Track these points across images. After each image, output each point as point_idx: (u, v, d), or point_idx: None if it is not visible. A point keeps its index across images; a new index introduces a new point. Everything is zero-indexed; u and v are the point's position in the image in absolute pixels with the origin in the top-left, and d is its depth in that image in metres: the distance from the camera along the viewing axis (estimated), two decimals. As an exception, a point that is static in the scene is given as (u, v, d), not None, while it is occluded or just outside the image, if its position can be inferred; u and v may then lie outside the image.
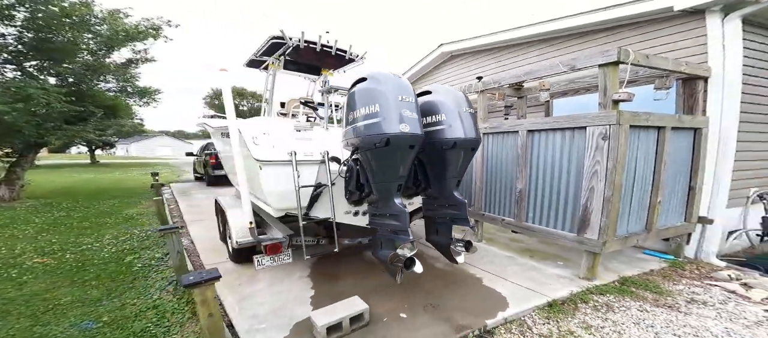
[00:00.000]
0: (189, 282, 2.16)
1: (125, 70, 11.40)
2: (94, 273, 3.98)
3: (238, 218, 3.74)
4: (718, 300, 3.04)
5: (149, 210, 7.53)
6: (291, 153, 2.84)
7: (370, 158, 2.59)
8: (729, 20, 4.06)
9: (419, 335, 2.51)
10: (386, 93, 2.42)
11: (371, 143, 2.40)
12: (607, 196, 3.07)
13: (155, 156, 52.00)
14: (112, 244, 5.04)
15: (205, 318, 2.27)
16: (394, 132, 2.31)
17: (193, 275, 2.24)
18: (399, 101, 2.41)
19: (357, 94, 2.58)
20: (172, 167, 22.85)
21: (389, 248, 2.77)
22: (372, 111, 2.39)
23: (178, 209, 7.26)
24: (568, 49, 5.76)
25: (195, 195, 9.21)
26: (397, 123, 2.32)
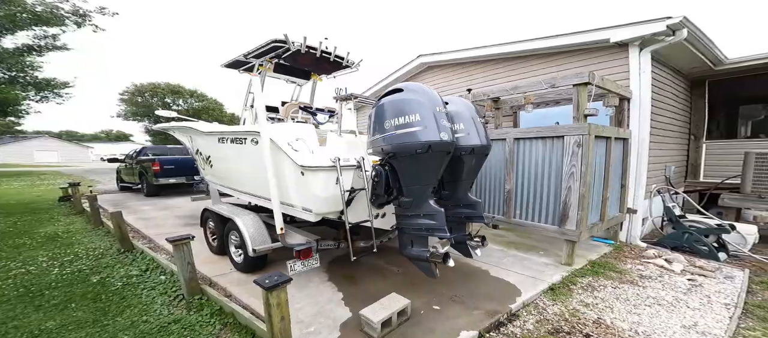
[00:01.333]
0: (272, 284, 2.26)
1: (18, 58, 9.73)
2: (60, 296, 3.63)
3: (250, 225, 3.76)
4: (657, 275, 4.01)
5: (74, 227, 6.71)
6: (335, 159, 3.01)
7: (406, 164, 2.87)
8: (644, 53, 5.30)
9: (460, 322, 2.89)
10: (425, 104, 2.73)
11: (411, 149, 2.69)
12: (581, 193, 3.86)
13: (35, 163, 43.81)
14: (56, 266, 4.51)
15: (278, 321, 2.37)
16: (434, 140, 2.63)
17: (268, 277, 2.32)
18: (437, 111, 2.75)
19: (393, 104, 2.85)
20: (68, 176, 19.63)
21: (421, 246, 3.11)
22: (412, 120, 2.69)
23: (127, 225, 6.54)
24: (532, 68, 6.80)
25: (138, 208, 8.33)
26: (437, 132, 2.65)
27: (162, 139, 33.23)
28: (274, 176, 3.19)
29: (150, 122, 36.45)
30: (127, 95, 33.99)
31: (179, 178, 10.11)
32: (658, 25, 4.76)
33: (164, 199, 9.68)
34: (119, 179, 12.70)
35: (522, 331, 2.80)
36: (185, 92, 34.24)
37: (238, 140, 3.89)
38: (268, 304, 2.34)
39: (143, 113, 35.32)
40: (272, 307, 2.32)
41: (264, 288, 2.27)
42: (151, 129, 37.09)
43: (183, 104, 35.10)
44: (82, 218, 7.60)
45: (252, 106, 5.34)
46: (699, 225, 5.76)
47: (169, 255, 4.59)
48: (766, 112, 8.54)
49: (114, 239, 5.62)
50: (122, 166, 12.35)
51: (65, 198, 10.18)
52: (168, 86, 33.73)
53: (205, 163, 4.90)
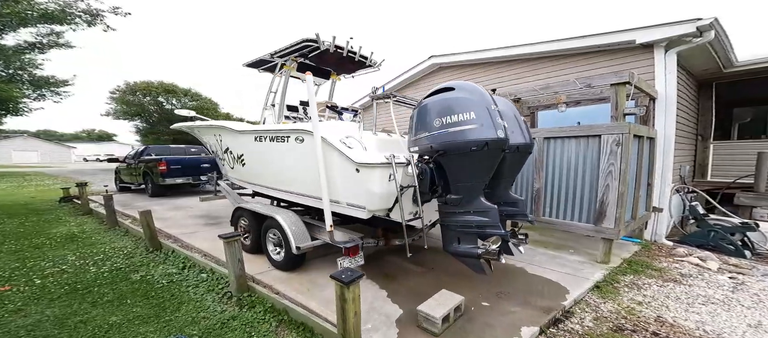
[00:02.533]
0: (350, 279, 2.35)
1: (19, 55, 9.65)
2: (109, 293, 3.73)
3: (292, 223, 3.85)
4: (696, 273, 4.16)
5: (87, 227, 6.75)
6: (390, 157, 3.10)
7: (458, 162, 2.96)
8: (670, 55, 5.47)
9: (516, 318, 3.00)
10: (479, 102, 2.82)
11: (466, 147, 2.76)
12: (620, 191, 4.00)
13: (14, 163, 43.20)
14: (90, 265, 4.59)
15: (352, 316, 2.45)
16: (492, 137, 2.71)
17: (343, 273, 2.41)
18: (492, 109, 2.84)
19: (444, 102, 2.93)
20: (54, 177, 19.41)
21: (469, 243, 3.18)
22: (467, 118, 2.76)
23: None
24: (548, 69, 6.95)
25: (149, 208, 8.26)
26: (494, 129, 2.73)
27: (154, 139, 32.98)
28: (325, 173, 3.27)
29: (142, 121, 36.12)
30: (118, 94, 33.56)
31: (185, 178, 10.12)
32: (687, 27, 4.94)
33: (170, 199, 9.68)
34: (118, 180, 12.63)
35: (582, 328, 2.91)
36: (179, 91, 33.94)
37: (279, 139, 3.96)
38: (343, 299, 2.42)
39: (135, 112, 34.94)
40: (347, 302, 2.41)
41: (343, 282, 2.35)
42: (141, 128, 36.75)
43: (177, 104, 34.77)
44: (92, 219, 7.61)
45: (273, 104, 5.43)
46: (724, 223, 5.97)
47: (201, 253, 4.65)
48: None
49: (137, 239, 5.67)
50: (122, 166, 12.29)
51: (67, 199, 10.18)
52: (162, 85, 33.41)
53: (236, 162, 4.95)
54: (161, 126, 33.47)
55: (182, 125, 7.29)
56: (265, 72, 6.01)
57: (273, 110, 5.45)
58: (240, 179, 5.17)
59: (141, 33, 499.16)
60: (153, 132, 34.55)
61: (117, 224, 6.79)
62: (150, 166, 10.24)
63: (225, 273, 4.02)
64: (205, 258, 4.47)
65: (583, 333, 2.81)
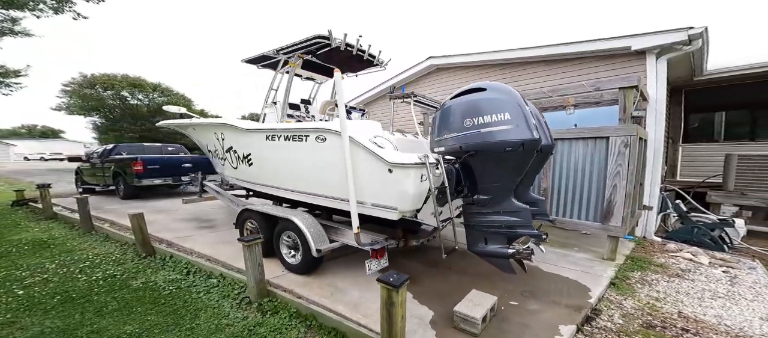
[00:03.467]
0: (401, 282, 2.32)
1: None
2: (112, 302, 3.52)
3: (310, 225, 3.77)
4: (693, 268, 4.45)
5: (56, 233, 6.28)
6: (423, 157, 3.08)
7: (488, 162, 2.99)
8: (660, 61, 5.83)
9: (548, 316, 3.07)
10: (513, 103, 2.84)
11: (500, 147, 2.79)
12: (628, 191, 4.20)
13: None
14: (77, 273, 4.28)
15: (399, 320, 2.42)
16: (527, 138, 2.74)
17: (392, 276, 2.38)
18: (526, 110, 2.87)
19: (476, 103, 2.94)
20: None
21: (498, 243, 3.23)
22: (501, 119, 2.79)
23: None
24: (546, 73, 7.19)
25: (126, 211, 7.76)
26: (529, 130, 2.76)
27: (116, 136, 31.04)
28: (352, 174, 3.21)
29: (100, 117, 33.93)
30: (72, 87, 31.25)
31: (164, 179, 9.54)
32: (678, 35, 5.28)
33: (146, 202, 9.12)
34: (80, 181, 11.76)
35: (614, 325, 3.02)
36: (147, 86, 32.13)
37: (297, 138, 3.85)
38: (390, 302, 2.39)
39: (92, 107, 32.73)
40: (395, 305, 2.38)
41: (392, 286, 2.32)
42: (99, 125, 34.53)
43: (144, 99, 32.96)
44: (58, 224, 7.06)
45: (275, 102, 5.29)
46: (705, 220, 6.43)
47: (204, 257, 4.43)
48: (738, 118, 9.62)
49: (122, 244, 5.36)
50: (85, 166, 11.47)
51: (21, 202, 9.40)
52: (126, 78, 31.47)
53: (241, 162, 4.76)
54: (125, 123, 31.60)
55: (172, 123, 6.94)
56: (264, 69, 5.84)
57: (274, 107, 5.30)
58: (244, 180, 4.96)
59: (140, 30, 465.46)
60: (114, 129, 32.51)
61: (93, 228, 6.34)
62: (122, 166, 9.57)
63: (237, 278, 3.88)
64: (209, 263, 4.26)
65: (618, 331, 2.92)
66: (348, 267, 4.19)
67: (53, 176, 18.96)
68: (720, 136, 9.37)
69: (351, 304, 3.25)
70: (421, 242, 4.20)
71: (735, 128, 9.43)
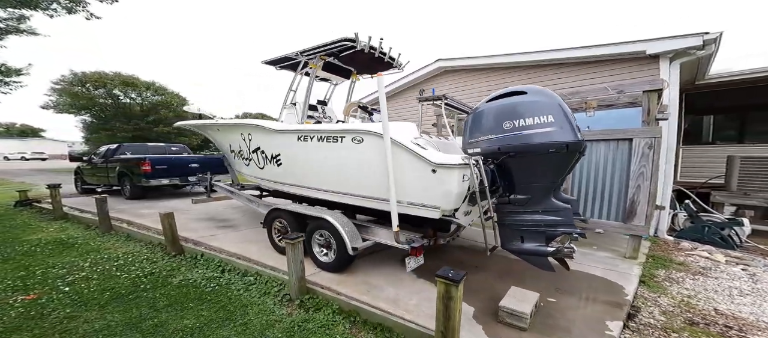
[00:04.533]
0: (460, 277, 2.43)
1: None
2: (162, 298, 3.62)
3: (345, 223, 3.91)
4: (712, 266, 4.65)
5: (72, 233, 6.29)
6: (467, 157, 3.20)
7: (533, 163, 3.10)
8: (674, 65, 6.05)
9: (589, 312, 3.19)
10: (556, 106, 2.96)
11: (544, 149, 2.92)
12: (652, 191, 4.38)
13: None
14: (115, 271, 4.36)
15: (456, 314, 2.53)
16: (572, 140, 2.88)
17: (450, 272, 2.48)
18: (568, 112, 2.98)
19: (518, 105, 3.05)
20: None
21: (534, 241, 3.36)
22: (546, 121, 2.92)
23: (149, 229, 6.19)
24: (549, 76, 7.37)
25: (137, 211, 7.79)
26: (573, 132, 2.89)
27: (108, 136, 30.66)
28: (393, 173, 3.31)
29: (91, 115, 33.48)
30: (62, 85, 30.74)
31: (172, 179, 9.55)
32: (694, 40, 5.50)
33: (152, 202, 9.14)
34: (80, 181, 11.66)
35: (657, 321, 3.14)
36: (140, 85, 31.79)
37: (332, 139, 3.94)
38: (448, 297, 2.50)
39: (83, 105, 32.26)
40: (454, 300, 2.49)
41: (452, 280, 2.43)
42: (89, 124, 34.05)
43: (137, 98, 32.63)
44: (71, 224, 7.07)
45: (294, 103, 5.39)
46: (714, 220, 6.66)
47: (235, 256, 4.51)
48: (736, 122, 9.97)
49: (147, 243, 5.44)
50: (85, 166, 11.38)
51: (25, 202, 9.37)
52: (119, 76, 31.13)
53: (269, 162, 4.83)
54: (117, 122, 31.21)
55: (190, 123, 6.99)
56: (283, 70, 5.94)
57: (294, 108, 5.41)
58: (270, 180, 5.03)
59: (142, 31, 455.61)
60: (105, 128, 32.10)
61: (111, 228, 6.37)
62: (129, 166, 9.57)
63: (273, 276, 3.98)
64: (242, 261, 4.35)
65: (663, 327, 3.05)
66: (376, 265, 4.30)
67: (41, 176, 18.83)
68: (719, 138, 9.69)
69: (390, 300, 3.37)
70: (446, 240, 4.33)
71: (732, 131, 9.77)
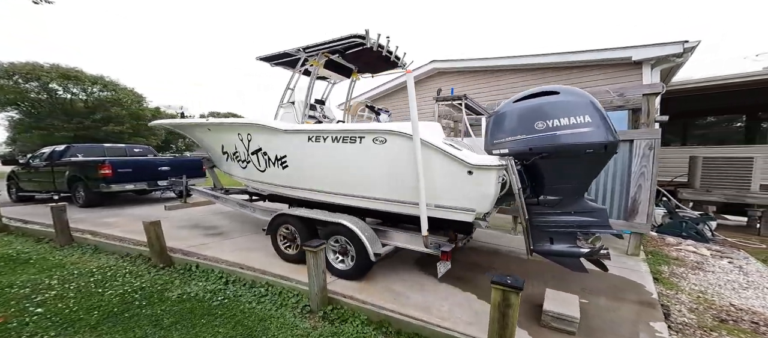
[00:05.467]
0: (519, 284, 2.37)
1: None
2: (166, 315, 3.29)
3: (364, 228, 3.79)
4: (703, 260, 4.98)
5: (20, 247, 5.57)
6: (505, 158, 3.16)
7: (566, 164, 3.09)
8: (655, 71, 6.48)
9: (626, 313, 3.22)
10: (592, 106, 2.97)
11: (581, 149, 2.93)
12: (652, 191, 4.63)
13: None
14: (92, 287, 3.90)
15: (514, 322, 2.47)
16: (610, 140, 2.90)
17: (510, 278, 2.43)
18: (604, 112, 2.99)
19: (549, 106, 3.06)
20: None
21: (565, 242, 3.35)
22: (583, 121, 2.92)
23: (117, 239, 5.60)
24: (541, 80, 7.64)
25: (100, 220, 7.04)
26: (611, 132, 2.91)
27: (42, 135, 27.75)
28: (423, 176, 3.20)
29: (19, 112, 30.17)
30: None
31: (138, 183, 8.74)
32: (675, 48, 5.92)
33: (115, 209, 8.34)
34: (17, 189, 10.38)
35: (689, 320, 3.24)
36: (85, 78, 29.01)
37: (349, 140, 3.76)
38: (507, 305, 2.41)
39: (10, 100, 28.96)
40: (512, 307, 2.41)
41: (512, 287, 2.36)
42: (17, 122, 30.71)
43: (80, 93, 29.83)
44: (13, 237, 6.24)
45: (292, 102, 5.16)
46: (690, 215, 7.21)
47: (237, 266, 4.18)
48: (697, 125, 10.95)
49: (123, 256, 4.95)
50: (21, 171, 10.14)
51: None
52: (56, 68, 28.21)
53: (272, 164, 4.53)
54: (55, 120, 28.28)
55: (170, 123, 6.45)
56: (277, 67, 5.68)
57: (292, 108, 5.16)
58: (273, 184, 4.71)
59: (144, 30, 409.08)
60: (39, 127, 29.00)
61: (72, 240, 5.69)
62: (83, 170, 8.62)
63: (288, 286, 3.75)
64: (248, 272, 4.04)
65: (699, 325, 3.14)
66: (394, 270, 4.19)
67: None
68: (681, 140, 10.58)
69: (421, 308, 3.26)
70: (463, 243, 4.30)
71: (695, 133, 10.71)
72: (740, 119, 10.51)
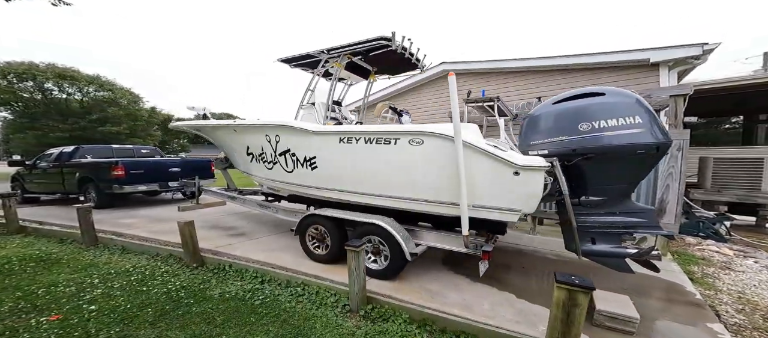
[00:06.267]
0: (589, 284, 2.35)
1: None
2: (215, 313, 3.37)
3: (399, 229, 3.87)
4: (728, 259, 5.05)
5: (44, 247, 5.60)
6: (553, 160, 3.17)
7: (613, 164, 3.11)
8: (672, 73, 6.59)
9: (678, 313, 3.28)
10: (642, 107, 3.00)
11: (631, 150, 2.96)
12: (680, 191, 4.71)
13: None
14: (136, 286, 3.99)
15: (579, 323, 2.40)
16: (663, 140, 2.92)
17: (576, 278, 2.40)
18: (653, 112, 3.02)
19: (595, 106, 3.10)
20: None
21: (609, 243, 3.32)
22: (634, 122, 2.95)
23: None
24: (551, 81, 7.75)
25: (118, 221, 7.04)
26: (662, 133, 2.94)
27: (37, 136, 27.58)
28: (465, 177, 3.24)
29: (11, 112, 29.99)
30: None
31: (150, 185, 8.74)
32: (694, 49, 6.03)
33: (132, 210, 8.35)
34: (21, 189, 10.35)
35: (741, 321, 3.28)
36: (81, 78, 28.87)
37: (381, 141, 3.80)
38: (574, 305, 2.37)
39: (5, 100, 28.76)
40: (580, 308, 2.38)
41: (583, 288, 2.34)
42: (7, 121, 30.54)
43: (75, 93, 29.68)
44: (34, 238, 6.22)
45: (312, 103, 5.22)
46: (706, 215, 7.32)
47: (269, 265, 4.23)
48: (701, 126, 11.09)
49: (153, 256, 5.03)
50: (26, 172, 10.11)
51: None
52: (52, 68, 28.08)
53: (300, 165, 4.55)
54: (50, 120, 28.12)
55: (189, 124, 6.47)
56: (296, 68, 5.77)
57: (312, 109, 5.22)
58: (300, 184, 4.72)
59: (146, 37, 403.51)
60: (33, 127, 28.80)
61: (97, 241, 5.70)
62: (95, 171, 8.60)
63: (324, 285, 3.79)
64: (278, 270, 4.10)
65: (753, 326, 3.18)
66: (425, 270, 4.23)
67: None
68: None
69: (462, 306, 3.30)
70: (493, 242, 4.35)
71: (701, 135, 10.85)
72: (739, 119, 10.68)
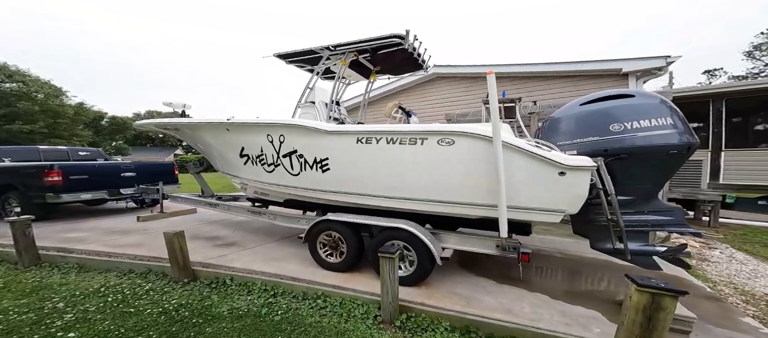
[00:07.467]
0: (677, 289, 2.29)
1: None
2: (233, 332, 3.02)
3: (426, 233, 3.74)
4: (702, 250, 5.55)
5: None
6: (598, 160, 3.14)
7: (643, 164, 3.19)
8: (640, 83, 7.22)
9: (705, 310, 3.42)
10: (671, 109, 3.11)
11: (663, 151, 3.06)
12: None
13: None
14: (120, 308, 3.43)
15: (664, 327, 2.32)
16: (693, 141, 3.05)
17: (658, 282, 2.34)
18: (682, 114, 3.14)
19: (626, 108, 3.21)
20: None
21: (638, 241, 3.34)
22: (665, 123, 3.05)
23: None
24: (533, 87, 8.13)
25: (60, 235, 6.05)
26: (691, 134, 3.07)
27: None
28: (504, 179, 3.17)
29: None
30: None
31: (97, 192, 7.55)
32: (659, 61, 6.66)
33: (76, 222, 7.19)
34: None
35: (756, 313, 3.51)
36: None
37: (408, 141, 3.63)
38: (658, 308, 2.31)
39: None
40: (666, 312, 2.31)
41: (672, 292, 2.28)
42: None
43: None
44: None
45: (312, 102, 5.00)
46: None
47: (277, 276, 3.86)
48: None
49: (126, 272, 4.36)
50: None
51: None
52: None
53: (310, 167, 4.19)
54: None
55: (162, 122, 5.78)
56: (291, 65, 5.52)
57: (312, 107, 4.96)
58: (308, 188, 4.34)
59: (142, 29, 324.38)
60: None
61: (39, 259, 4.83)
62: (21, 177, 7.23)
63: (349, 296, 3.56)
64: (293, 282, 3.76)
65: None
66: (444, 273, 4.08)
67: None
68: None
69: (502, 310, 3.22)
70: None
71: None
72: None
